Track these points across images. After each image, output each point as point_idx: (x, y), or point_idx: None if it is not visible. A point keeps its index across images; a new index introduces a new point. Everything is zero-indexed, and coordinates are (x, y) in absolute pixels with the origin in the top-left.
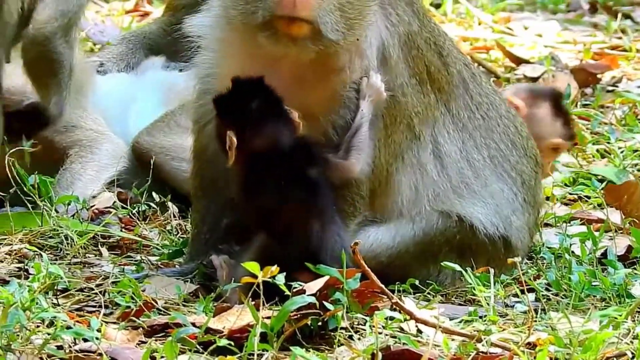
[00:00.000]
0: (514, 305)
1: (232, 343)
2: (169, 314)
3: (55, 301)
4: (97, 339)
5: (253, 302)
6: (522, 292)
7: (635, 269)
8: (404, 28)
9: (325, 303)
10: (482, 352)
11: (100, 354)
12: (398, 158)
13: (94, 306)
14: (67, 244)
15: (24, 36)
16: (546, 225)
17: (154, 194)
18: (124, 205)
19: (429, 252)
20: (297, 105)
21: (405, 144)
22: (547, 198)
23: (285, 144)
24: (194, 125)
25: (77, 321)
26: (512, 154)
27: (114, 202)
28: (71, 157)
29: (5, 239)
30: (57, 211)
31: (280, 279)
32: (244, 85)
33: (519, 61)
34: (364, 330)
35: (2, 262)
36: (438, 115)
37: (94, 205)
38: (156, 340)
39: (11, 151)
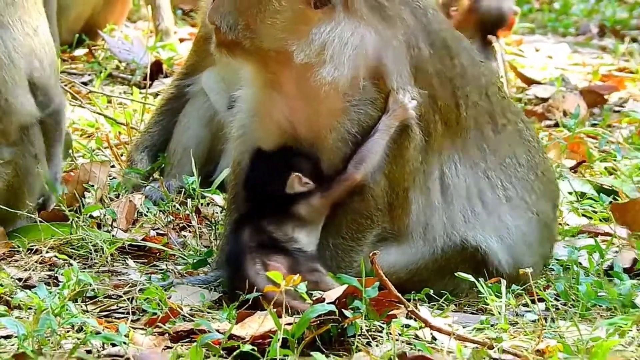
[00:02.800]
0: (524, 315)
1: (255, 349)
2: (194, 321)
3: (84, 308)
4: (124, 344)
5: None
6: (532, 301)
7: None
8: (413, 51)
9: (344, 311)
10: (494, 358)
11: (128, 359)
12: (410, 176)
13: (122, 313)
14: (96, 253)
15: None
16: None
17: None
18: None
19: (446, 270)
20: (306, 122)
21: (415, 163)
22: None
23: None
24: (231, 139)
25: (106, 327)
26: (530, 197)
27: (141, 204)
28: None
29: (36, 247)
30: (84, 221)
31: (302, 288)
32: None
33: (530, 82)
34: (381, 337)
35: (33, 270)
36: (444, 146)
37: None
38: (181, 346)
39: None
